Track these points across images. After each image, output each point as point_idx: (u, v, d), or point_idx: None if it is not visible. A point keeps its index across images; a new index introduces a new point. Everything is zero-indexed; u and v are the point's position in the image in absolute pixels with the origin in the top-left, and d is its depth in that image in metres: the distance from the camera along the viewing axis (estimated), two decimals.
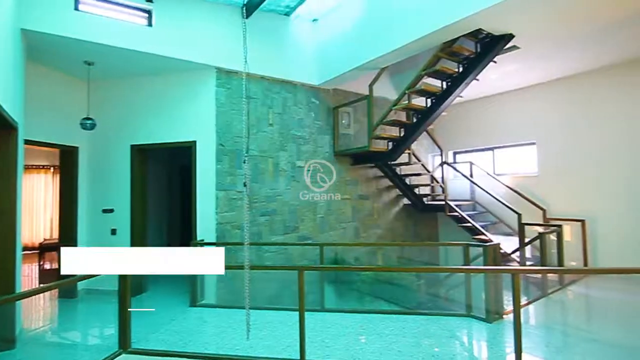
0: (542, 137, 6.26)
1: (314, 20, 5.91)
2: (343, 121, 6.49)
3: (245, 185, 2.44)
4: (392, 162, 6.29)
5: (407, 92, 5.18)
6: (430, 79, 5.18)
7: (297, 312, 2.78)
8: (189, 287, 4.50)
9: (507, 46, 4.49)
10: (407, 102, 5.42)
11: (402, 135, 5.68)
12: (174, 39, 4.55)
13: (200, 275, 4.41)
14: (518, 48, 4.71)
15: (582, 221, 5.50)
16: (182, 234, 7.27)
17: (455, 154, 7.82)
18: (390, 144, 5.80)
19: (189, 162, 5.01)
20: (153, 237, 6.08)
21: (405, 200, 7.05)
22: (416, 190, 6.74)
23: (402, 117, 5.77)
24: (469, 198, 7.00)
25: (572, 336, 3.48)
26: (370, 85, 5.52)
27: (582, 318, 4.14)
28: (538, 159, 6.31)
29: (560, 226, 4.86)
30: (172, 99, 5.07)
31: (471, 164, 6.97)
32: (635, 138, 5.15)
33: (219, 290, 4.72)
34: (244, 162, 2.56)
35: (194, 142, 4.93)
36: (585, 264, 5.37)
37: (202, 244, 4.54)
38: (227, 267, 2.74)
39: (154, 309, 4.43)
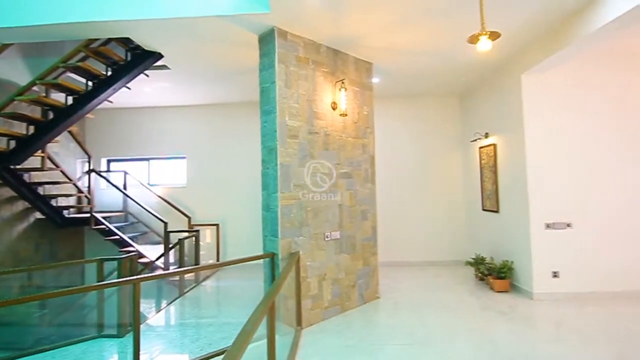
0: (191, 153, 7.06)
1: None
2: None
3: None
4: (17, 167, 4.95)
5: (38, 82, 4.28)
6: (74, 74, 4.56)
7: None
8: None
9: (158, 64, 4.73)
10: (44, 94, 4.48)
11: (31, 133, 4.61)
12: None
13: None
14: (169, 68, 5.07)
15: (217, 225, 6.66)
16: None
17: (109, 161, 7.27)
18: (13, 142, 4.56)
19: None
20: None
21: (39, 214, 5.73)
22: (53, 202, 5.63)
23: (38, 112, 4.70)
24: (121, 209, 6.70)
25: (200, 326, 4.05)
26: None
27: (211, 307, 4.93)
28: (187, 172, 7.04)
29: (197, 231, 5.62)
30: None
31: (125, 173, 6.73)
32: (253, 160, 6.79)
33: None
34: None
35: None
36: (218, 260, 6.50)
37: None
38: None
39: None
